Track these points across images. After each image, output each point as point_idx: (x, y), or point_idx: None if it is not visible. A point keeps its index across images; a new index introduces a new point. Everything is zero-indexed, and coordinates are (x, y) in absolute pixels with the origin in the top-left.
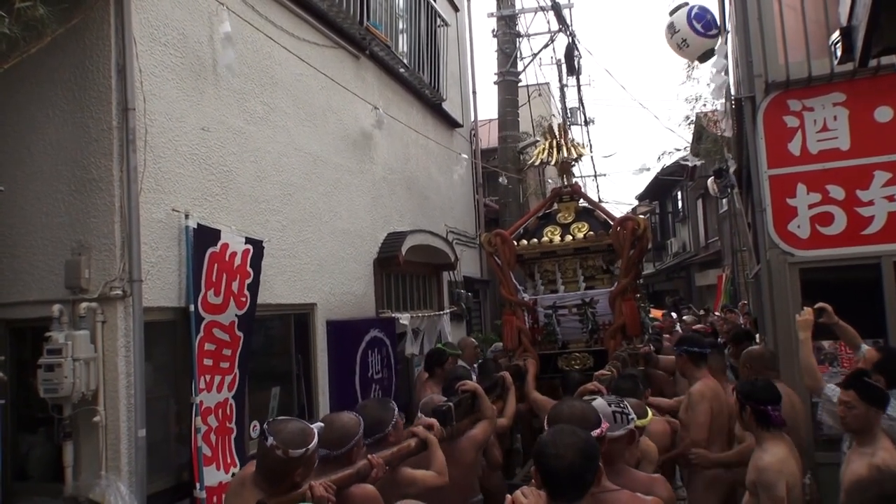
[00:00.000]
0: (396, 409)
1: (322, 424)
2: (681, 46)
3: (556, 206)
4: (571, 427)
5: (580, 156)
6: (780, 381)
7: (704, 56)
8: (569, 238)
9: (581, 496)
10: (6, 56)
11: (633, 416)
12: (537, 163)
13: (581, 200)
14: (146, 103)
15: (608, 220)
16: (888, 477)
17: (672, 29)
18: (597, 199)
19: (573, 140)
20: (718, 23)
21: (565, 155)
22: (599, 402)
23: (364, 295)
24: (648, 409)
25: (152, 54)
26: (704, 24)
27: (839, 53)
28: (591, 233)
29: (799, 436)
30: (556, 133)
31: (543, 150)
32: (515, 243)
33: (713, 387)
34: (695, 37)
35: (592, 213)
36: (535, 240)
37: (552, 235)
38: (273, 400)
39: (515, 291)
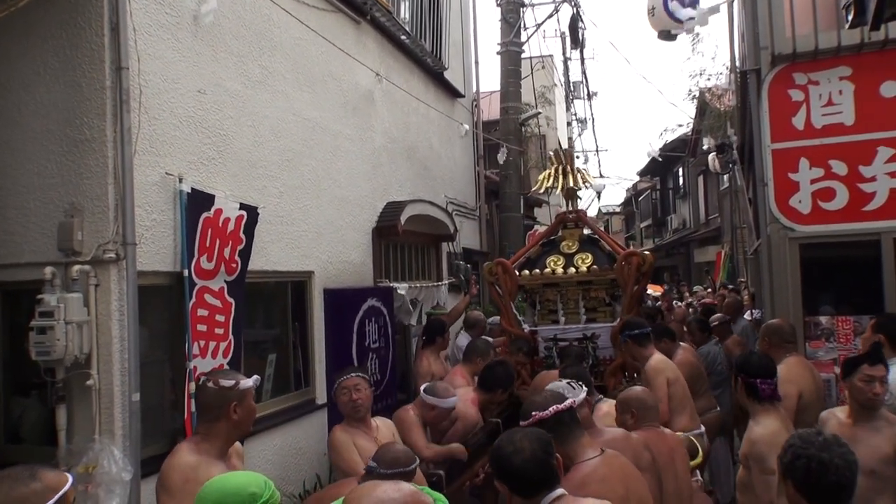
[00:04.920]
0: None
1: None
2: (650, 13)
3: (560, 232)
4: (521, 429)
5: (586, 182)
6: (797, 354)
7: (663, 35)
8: (572, 270)
9: (547, 487)
10: None
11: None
12: (542, 190)
13: (585, 228)
14: (140, 63)
15: (613, 250)
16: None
17: None
18: (598, 174)
19: (580, 168)
20: (692, 16)
21: (571, 183)
22: (555, 384)
23: (362, 264)
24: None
25: (147, 12)
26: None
27: (850, 17)
28: (595, 266)
29: (821, 408)
30: (563, 159)
31: (549, 175)
32: (518, 273)
33: (663, 358)
34: (662, 11)
35: (597, 243)
36: (538, 270)
37: (555, 266)
38: (269, 367)
39: (516, 323)
